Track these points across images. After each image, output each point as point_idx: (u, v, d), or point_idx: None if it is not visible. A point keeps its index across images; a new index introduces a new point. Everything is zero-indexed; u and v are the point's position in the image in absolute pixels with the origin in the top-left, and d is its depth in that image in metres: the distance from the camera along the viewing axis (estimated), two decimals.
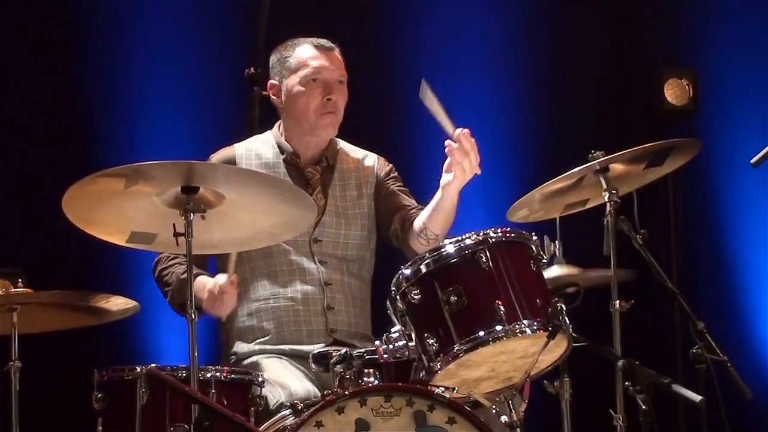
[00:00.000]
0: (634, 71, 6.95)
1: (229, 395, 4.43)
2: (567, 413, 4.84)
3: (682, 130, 5.65)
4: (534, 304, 4.31)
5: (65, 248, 4.67)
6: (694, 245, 7.02)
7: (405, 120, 7.08)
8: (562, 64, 7.31)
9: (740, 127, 7.12)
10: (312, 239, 4.92)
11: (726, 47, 7.48)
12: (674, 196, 6.10)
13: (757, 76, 7.44)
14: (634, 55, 7.18)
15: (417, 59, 7.21)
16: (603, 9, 7.32)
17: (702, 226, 7.30)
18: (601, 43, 7.29)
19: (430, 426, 4.15)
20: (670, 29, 7.43)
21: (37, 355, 4.69)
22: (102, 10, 6.84)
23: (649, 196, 5.12)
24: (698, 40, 7.48)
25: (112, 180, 4.16)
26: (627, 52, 7.22)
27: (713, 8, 7.51)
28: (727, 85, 7.31)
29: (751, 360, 7.24)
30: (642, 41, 7.28)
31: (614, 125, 6.47)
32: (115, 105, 6.83)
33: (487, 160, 7.09)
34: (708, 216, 7.41)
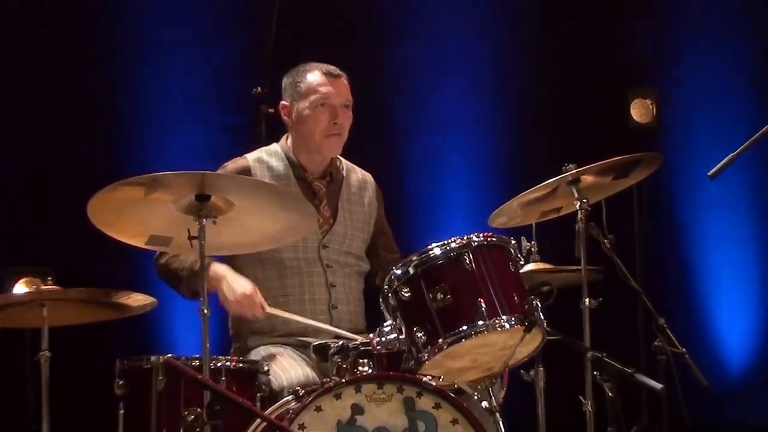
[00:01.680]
0: (604, 92, 6.95)
1: (238, 382, 4.41)
2: (541, 399, 4.86)
3: (646, 145, 5.64)
4: (512, 302, 4.32)
5: (90, 249, 4.67)
6: (657, 249, 7.02)
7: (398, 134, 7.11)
8: (538, 86, 7.30)
9: (699, 143, 7.12)
10: (321, 246, 4.90)
11: (685, 71, 7.48)
12: (639, 204, 6.10)
13: (713, 96, 7.44)
14: (604, 77, 7.18)
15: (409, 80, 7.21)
16: (574, 36, 7.32)
17: (664, 232, 7.30)
18: (573, 67, 7.28)
19: (418, 411, 4.13)
20: (635, 55, 7.43)
21: (64, 346, 4.67)
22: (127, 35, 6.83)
23: (616, 204, 5.09)
24: (660, 65, 7.47)
25: (133, 188, 4.15)
26: (597, 75, 7.20)
27: (674, 35, 7.52)
28: (686, 104, 7.31)
29: (706, 352, 7.24)
30: (610, 65, 7.27)
31: (585, 141, 6.47)
32: (135, 119, 6.82)
33: (471, 171, 7.16)
34: (669, 223, 7.41)
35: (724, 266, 7.54)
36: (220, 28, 6.84)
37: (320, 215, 4.88)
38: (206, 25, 6.89)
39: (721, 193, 7.24)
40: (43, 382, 4.57)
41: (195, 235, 4.16)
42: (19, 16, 6.69)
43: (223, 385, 4.30)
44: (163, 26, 6.86)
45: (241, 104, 5.58)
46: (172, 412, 4.35)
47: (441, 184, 7.19)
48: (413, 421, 4.13)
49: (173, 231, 4.28)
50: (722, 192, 7.23)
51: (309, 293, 4.89)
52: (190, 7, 6.88)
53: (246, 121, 5.46)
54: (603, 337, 4.62)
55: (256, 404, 4.37)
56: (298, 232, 4.55)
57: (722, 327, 7.54)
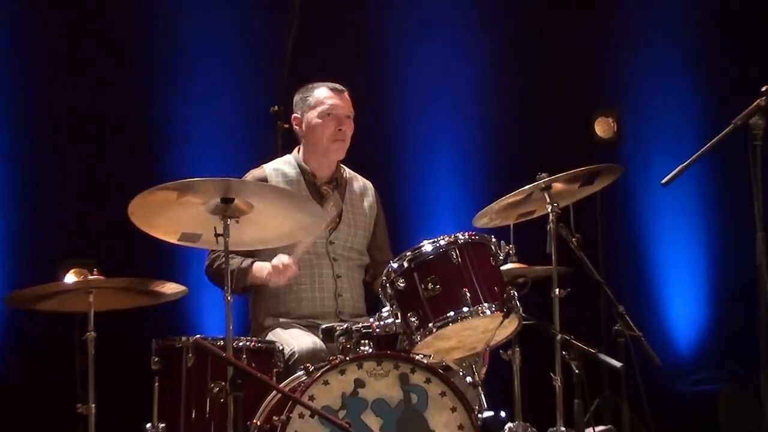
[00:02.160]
0: (572, 111, 6.94)
1: (257, 360, 4.41)
2: (517, 375, 4.87)
3: (608, 157, 5.63)
4: (493, 291, 4.34)
5: (130, 244, 4.68)
6: (616, 247, 7.00)
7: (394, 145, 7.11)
8: (516, 106, 7.27)
9: (653, 155, 7.09)
10: (328, 242, 4.91)
11: (642, 93, 7.44)
12: (602, 208, 6.10)
13: (666, 115, 7.41)
14: (572, 99, 7.17)
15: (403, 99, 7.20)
16: (548, 63, 7.31)
17: (623, 231, 7.27)
18: (547, 90, 7.26)
19: (411, 384, 4.16)
20: (598, 79, 7.41)
21: (108, 327, 4.66)
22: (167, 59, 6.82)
23: (582, 208, 5.11)
24: (620, 88, 7.43)
25: (167, 192, 4.17)
26: (566, 97, 7.20)
27: (632, 63, 7.49)
28: (643, 122, 7.28)
29: (659, 335, 7.22)
30: (578, 89, 7.26)
31: (556, 153, 6.47)
32: (170, 130, 6.80)
33: (457, 178, 7.16)
34: (627, 224, 7.39)
35: (674, 261, 7.53)
36: (243, 57, 6.83)
37: (327, 215, 4.89)
38: (233, 53, 6.88)
39: (672, 198, 7.22)
40: (90, 358, 4.56)
41: (220, 232, 4.17)
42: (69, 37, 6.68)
43: (244, 362, 4.29)
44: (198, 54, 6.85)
45: (261, 120, 5.58)
46: (200, 385, 4.36)
47: (431, 189, 7.18)
48: (407, 394, 4.15)
49: (202, 229, 4.29)
50: (673, 198, 7.21)
51: (318, 282, 4.90)
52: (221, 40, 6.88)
53: (264, 135, 5.47)
54: (570, 322, 4.62)
55: (273, 378, 4.37)
56: (308, 230, 4.54)
57: (672, 314, 7.53)
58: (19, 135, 6.67)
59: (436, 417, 4.15)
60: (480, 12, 7.30)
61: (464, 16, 7.31)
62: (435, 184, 7.20)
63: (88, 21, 6.69)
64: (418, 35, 7.24)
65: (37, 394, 6.13)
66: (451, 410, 4.16)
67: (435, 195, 7.15)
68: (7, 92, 6.67)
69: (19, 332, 6.34)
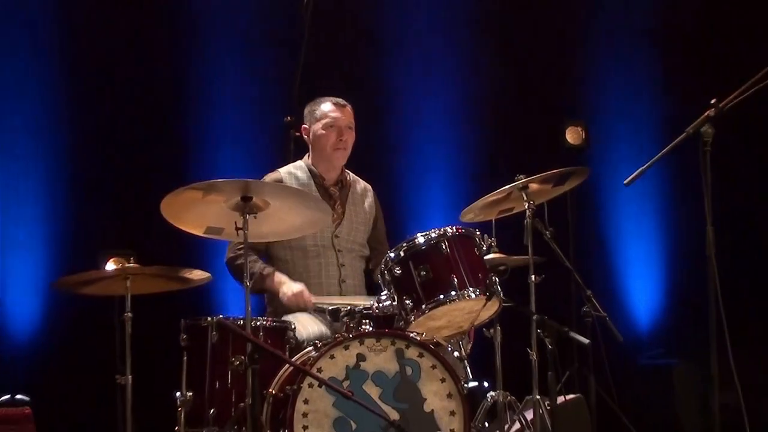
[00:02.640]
0: (546, 121, 6.94)
1: (272, 337, 4.42)
2: (498, 351, 4.86)
3: (577, 161, 5.66)
4: (477, 277, 4.35)
5: (162, 236, 4.67)
6: (585, 239, 6.99)
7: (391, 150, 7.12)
8: (498, 116, 7.28)
9: (617, 159, 7.09)
10: (333, 235, 4.91)
11: (607, 105, 7.44)
12: (572, 205, 6.11)
13: (628, 125, 7.42)
14: (546, 110, 7.17)
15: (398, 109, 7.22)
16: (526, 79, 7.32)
17: (590, 226, 7.25)
18: (525, 102, 7.27)
19: (406, 358, 4.16)
20: (569, 94, 7.41)
21: (142, 309, 4.67)
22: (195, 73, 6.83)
23: (555, 205, 5.12)
24: (588, 101, 7.45)
25: (194, 191, 4.17)
26: (541, 108, 7.20)
27: (599, 80, 7.51)
28: (608, 131, 7.27)
29: (622, 316, 7.20)
30: (550, 101, 7.26)
31: (532, 157, 6.47)
32: (197, 137, 6.81)
33: (446, 179, 7.17)
34: (594, 219, 7.39)
35: (635, 252, 7.54)
36: (262, 75, 6.83)
37: (334, 212, 4.89)
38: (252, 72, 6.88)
39: (633, 197, 7.25)
40: (127, 336, 4.56)
41: (240, 226, 4.17)
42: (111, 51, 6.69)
43: (261, 339, 4.30)
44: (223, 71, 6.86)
45: (276, 130, 5.58)
46: (223, 358, 4.36)
47: (424, 189, 7.18)
48: (403, 366, 4.15)
49: (224, 223, 4.28)
50: (634, 196, 7.24)
51: (325, 270, 4.90)
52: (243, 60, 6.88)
53: (279, 142, 5.47)
54: (544, 305, 4.61)
55: (286, 353, 4.38)
56: (316, 224, 4.53)
57: (633, 297, 7.53)
58: (66, 141, 6.67)
59: (428, 386, 4.15)
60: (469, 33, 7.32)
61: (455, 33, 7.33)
62: (427, 184, 7.20)
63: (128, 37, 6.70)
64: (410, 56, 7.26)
65: (82, 367, 6.14)
66: (441, 381, 4.16)
67: (427, 194, 7.16)
68: (55, 102, 6.66)
69: (66, 313, 6.34)
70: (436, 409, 4.13)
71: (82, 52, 6.68)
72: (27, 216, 6.55)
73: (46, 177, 6.60)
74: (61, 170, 6.64)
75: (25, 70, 6.60)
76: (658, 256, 7.59)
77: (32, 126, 6.61)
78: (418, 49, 7.30)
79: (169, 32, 6.83)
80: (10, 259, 6.54)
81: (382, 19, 7.20)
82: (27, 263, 6.52)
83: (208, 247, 5.91)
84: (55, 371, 6.34)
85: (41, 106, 6.63)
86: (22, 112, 6.58)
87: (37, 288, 6.48)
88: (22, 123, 6.59)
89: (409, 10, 7.24)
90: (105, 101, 6.70)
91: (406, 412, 4.09)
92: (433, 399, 4.14)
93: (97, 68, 6.67)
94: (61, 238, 6.56)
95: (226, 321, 4.40)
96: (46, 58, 6.64)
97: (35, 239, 6.59)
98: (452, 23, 7.31)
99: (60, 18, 6.67)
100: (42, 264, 6.54)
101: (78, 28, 6.68)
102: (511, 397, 4.66)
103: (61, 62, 6.67)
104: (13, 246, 6.54)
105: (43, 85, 6.61)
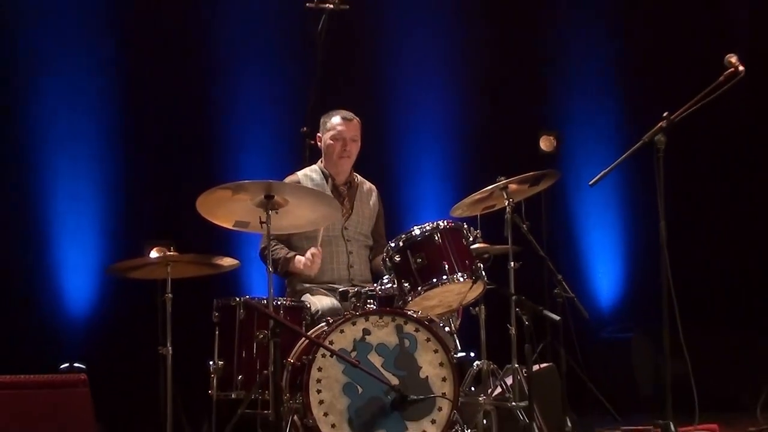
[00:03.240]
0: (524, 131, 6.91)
1: (291, 314, 4.42)
2: (483, 326, 4.82)
3: (550, 165, 5.61)
4: (465, 264, 4.35)
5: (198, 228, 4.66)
6: (556, 231, 6.97)
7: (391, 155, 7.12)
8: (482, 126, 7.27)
9: (583, 164, 7.08)
10: (343, 228, 4.88)
11: (575, 118, 7.44)
12: (545, 202, 6.08)
13: (593, 134, 7.41)
14: (523, 122, 7.13)
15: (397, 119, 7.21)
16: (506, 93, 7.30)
17: (561, 220, 7.23)
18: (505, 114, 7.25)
19: (405, 333, 4.15)
20: (543, 108, 7.43)
21: (181, 291, 4.67)
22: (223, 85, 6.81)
23: (531, 202, 5.09)
24: (560, 113, 7.44)
25: (225, 191, 4.17)
26: (519, 121, 7.17)
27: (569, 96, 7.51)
28: (576, 139, 7.26)
29: (587, 297, 7.18)
30: (527, 115, 7.24)
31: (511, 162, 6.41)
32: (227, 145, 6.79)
33: (438, 180, 7.16)
34: (564, 214, 7.36)
35: (599, 242, 7.54)
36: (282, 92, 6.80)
37: (344, 208, 4.88)
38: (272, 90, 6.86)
39: (597, 196, 7.22)
40: (168, 313, 4.57)
41: (264, 221, 4.17)
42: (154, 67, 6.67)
43: (282, 316, 4.30)
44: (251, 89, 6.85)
45: (293, 138, 5.57)
46: (249, 333, 4.37)
47: (420, 189, 7.15)
48: (402, 339, 4.14)
49: (249, 218, 4.27)
50: (598, 195, 7.22)
51: (336, 257, 4.87)
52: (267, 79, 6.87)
53: (296, 149, 5.46)
54: (522, 287, 4.60)
55: (302, 328, 4.37)
56: (328, 219, 4.53)
57: (597, 281, 7.52)
58: (116, 148, 6.66)
59: (423, 356, 4.14)
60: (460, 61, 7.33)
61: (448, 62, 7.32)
62: (422, 185, 7.19)
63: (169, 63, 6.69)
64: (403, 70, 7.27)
65: (130, 340, 6.12)
66: (434, 351, 4.15)
67: (422, 193, 7.14)
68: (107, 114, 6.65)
69: (116, 295, 6.33)
70: (430, 375, 4.12)
71: (130, 74, 6.67)
72: (83, 212, 6.55)
73: (98, 178, 6.59)
74: (112, 172, 6.62)
75: (81, 86, 6.60)
76: (618, 246, 7.58)
77: (87, 134, 6.60)
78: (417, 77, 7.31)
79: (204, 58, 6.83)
80: (70, 249, 6.54)
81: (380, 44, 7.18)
82: (84, 253, 6.52)
83: (237, 239, 5.88)
84: (106, 343, 6.32)
85: (95, 117, 6.63)
86: (78, 122, 6.58)
87: (92, 273, 6.47)
88: (79, 132, 6.58)
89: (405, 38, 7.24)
90: (149, 114, 6.67)
91: (404, 378, 4.08)
92: (427, 367, 4.13)
93: (143, 86, 6.65)
94: (112, 230, 6.54)
95: (251, 301, 4.41)
96: (97, 77, 6.64)
97: (90, 232, 6.57)
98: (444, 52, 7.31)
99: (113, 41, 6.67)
100: (96, 253, 6.52)
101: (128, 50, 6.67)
102: (493, 366, 4.64)
103: (111, 80, 6.67)
104: (72, 238, 6.54)
105: (96, 99, 6.60)
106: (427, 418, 4.06)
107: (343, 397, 4.02)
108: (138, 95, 6.67)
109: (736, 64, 4.39)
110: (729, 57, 4.41)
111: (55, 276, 6.52)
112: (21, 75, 6.52)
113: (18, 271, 6.45)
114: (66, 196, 6.60)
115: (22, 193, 6.53)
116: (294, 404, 4.13)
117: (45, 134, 6.52)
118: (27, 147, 6.54)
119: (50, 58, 6.54)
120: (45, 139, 6.52)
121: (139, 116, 6.68)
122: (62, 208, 6.55)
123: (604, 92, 7.57)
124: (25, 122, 6.53)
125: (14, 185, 6.49)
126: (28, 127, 6.54)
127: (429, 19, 7.30)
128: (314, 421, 3.97)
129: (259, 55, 6.89)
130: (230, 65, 6.83)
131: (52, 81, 6.53)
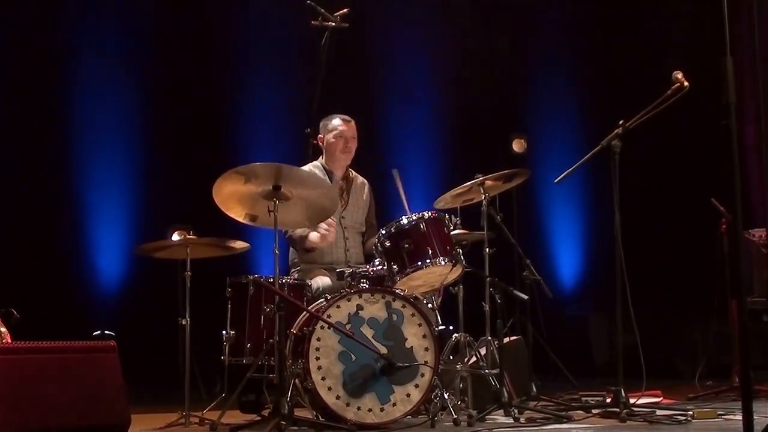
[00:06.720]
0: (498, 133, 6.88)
1: (294, 291, 4.39)
2: (461, 304, 4.81)
3: (521, 164, 5.62)
4: (446, 250, 4.34)
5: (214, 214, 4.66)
6: (525, 221, 6.94)
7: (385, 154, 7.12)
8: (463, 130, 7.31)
9: (550, 164, 7.04)
10: (341, 216, 4.86)
11: (544, 124, 7.49)
12: (517, 197, 6.05)
13: (559, 138, 7.44)
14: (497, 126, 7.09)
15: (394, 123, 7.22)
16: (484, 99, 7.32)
17: (530, 212, 7.24)
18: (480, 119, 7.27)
19: (393, 308, 4.15)
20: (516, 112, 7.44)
21: (199, 269, 4.66)
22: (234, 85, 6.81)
23: (504, 196, 5.09)
24: (530, 117, 7.48)
25: (237, 175, 4.08)
26: (493, 125, 7.16)
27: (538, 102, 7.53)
28: (544, 142, 7.28)
29: (552, 279, 7.21)
30: (501, 117, 7.25)
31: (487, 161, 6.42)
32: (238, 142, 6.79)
33: (423, 176, 7.16)
34: (533, 207, 7.40)
35: (563, 231, 7.65)
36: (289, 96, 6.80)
37: (341, 200, 4.86)
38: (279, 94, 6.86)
39: (562, 192, 7.28)
40: (186, 289, 4.56)
41: (272, 209, 4.13)
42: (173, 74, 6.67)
43: (286, 293, 4.28)
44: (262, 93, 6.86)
45: (298, 138, 5.55)
46: (257, 307, 4.37)
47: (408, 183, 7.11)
48: (390, 314, 4.14)
49: (259, 211, 4.24)
50: (563, 191, 7.26)
51: (335, 242, 4.82)
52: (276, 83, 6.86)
53: (300, 147, 5.43)
54: (495, 270, 4.59)
55: (304, 303, 4.36)
56: (329, 210, 4.46)
57: (561, 265, 7.57)
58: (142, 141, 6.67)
59: (409, 329, 4.15)
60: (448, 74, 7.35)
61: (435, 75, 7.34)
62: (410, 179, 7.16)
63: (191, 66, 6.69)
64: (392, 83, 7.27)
65: (153, 312, 6.11)
66: (419, 325, 4.16)
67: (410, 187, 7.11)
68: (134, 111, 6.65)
69: (142, 272, 6.35)
70: (414, 346, 4.13)
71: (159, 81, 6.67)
72: (113, 199, 6.57)
73: (126, 169, 6.61)
74: (138, 163, 6.65)
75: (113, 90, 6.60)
76: (579, 236, 7.62)
77: (116, 129, 6.62)
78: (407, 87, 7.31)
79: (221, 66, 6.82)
80: (103, 231, 6.56)
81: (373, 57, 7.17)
82: (115, 235, 6.54)
83: (248, 225, 5.82)
84: (133, 314, 6.34)
85: (123, 114, 6.64)
86: (108, 118, 6.58)
87: (121, 253, 6.49)
88: (109, 126, 6.59)
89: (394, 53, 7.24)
90: (169, 112, 6.69)
91: (392, 348, 4.09)
92: (412, 338, 4.14)
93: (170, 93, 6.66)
94: (139, 216, 6.56)
95: (260, 279, 4.40)
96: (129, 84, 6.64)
97: (120, 216, 6.59)
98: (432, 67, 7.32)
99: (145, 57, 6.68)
100: (125, 235, 6.54)
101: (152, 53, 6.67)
102: (469, 338, 4.65)
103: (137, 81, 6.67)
104: (105, 222, 6.56)
105: (125, 96, 6.61)
106: (412, 382, 4.08)
107: (339, 363, 4.03)
108: (165, 101, 6.68)
109: (682, 80, 4.40)
110: (676, 73, 4.42)
111: (90, 256, 6.54)
112: (62, 80, 6.53)
113: (58, 251, 6.46)
114: (100, 186, 6.62)
115: (63, 183, 6.55)
116: (296, 369, 4.13)
117: (83, 134, 6.55)
118: (67, 145, 6.55)
119: (88, 65, 6.55)
120: (83, 139, 6.53)
121: (161, 115, 6.68)
122: (96, 197, 6.56)
123: (569, 102, 7.60)
124: (67, 124, 6.53)
125: (56, 178, 6.50)
126: (68, 128, 6.54)
127: (416, 36, 7.31)
128: (313, 384, 3.99)
129: (270, 64, 6.91)
130: (246, 74, 6.88)
131: (88, 86, 6.54)
